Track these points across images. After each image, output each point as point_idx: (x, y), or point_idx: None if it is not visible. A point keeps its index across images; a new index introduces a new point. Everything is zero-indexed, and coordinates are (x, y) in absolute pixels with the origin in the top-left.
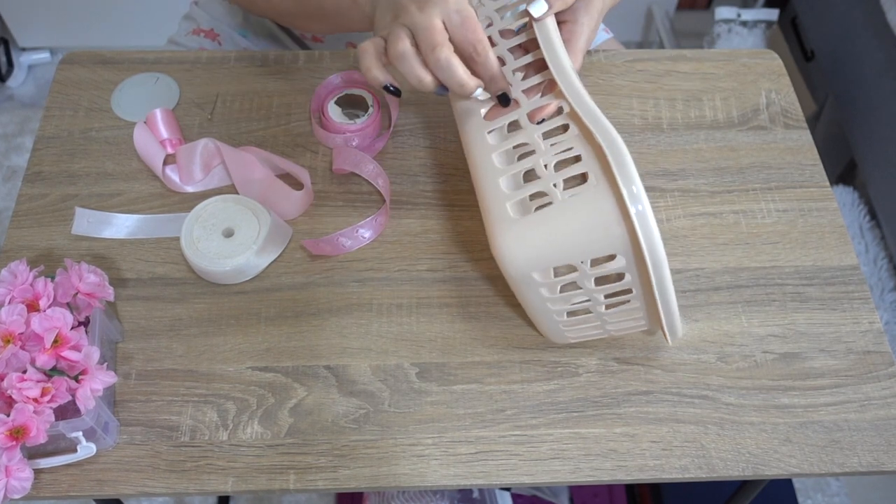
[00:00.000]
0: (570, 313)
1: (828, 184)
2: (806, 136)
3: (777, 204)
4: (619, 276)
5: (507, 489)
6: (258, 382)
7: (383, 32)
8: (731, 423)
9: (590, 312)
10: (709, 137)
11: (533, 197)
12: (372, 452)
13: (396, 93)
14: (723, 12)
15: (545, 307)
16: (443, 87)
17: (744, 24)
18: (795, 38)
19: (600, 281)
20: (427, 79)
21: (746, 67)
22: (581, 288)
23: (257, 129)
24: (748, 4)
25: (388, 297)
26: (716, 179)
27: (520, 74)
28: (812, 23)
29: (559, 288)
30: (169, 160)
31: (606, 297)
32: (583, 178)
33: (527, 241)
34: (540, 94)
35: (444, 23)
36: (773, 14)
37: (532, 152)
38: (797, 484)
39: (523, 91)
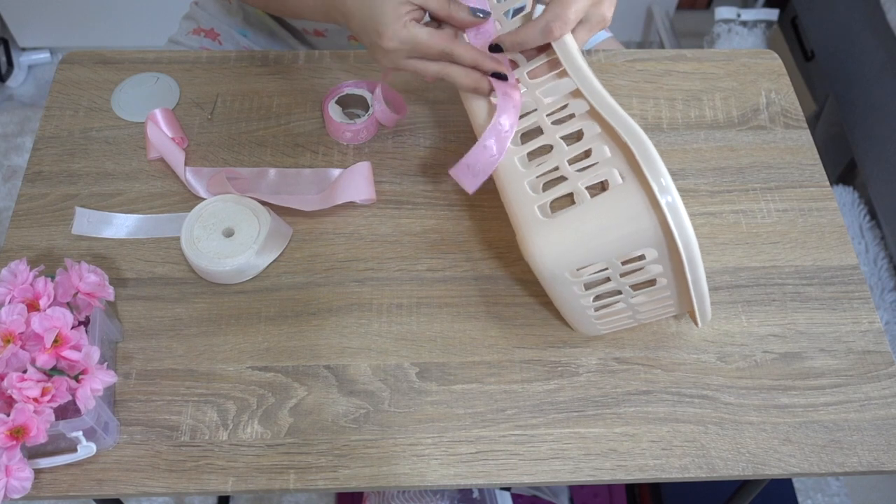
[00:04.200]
0: (601, 305)
1: (828, 184)
2: (806, 136)
3: (777, 204)
4: (649, 267)
5: (507, 489)
6: (258, 382)
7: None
8: (731, 422)
9: (620, 303)
10: (708, 137)
11: (547, 185)
12: (372, 452)
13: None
14: (723, 12)
15: (578, 303)
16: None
17: (744, 24)
18: (795, 38)
19: (632, 273)
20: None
21: (746, 67)
22: (612, 281)
23: (257, 129)
24: (748, 4)
25: (388, 296)
26: (715, 179)
27: (536, 79)
28: (812, 23)
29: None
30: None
31: (637, 287)
32: (601, 186)
33: (559, 241)
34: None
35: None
36: (773, 14)
37: (549, 152)
38: (797, 484)
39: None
